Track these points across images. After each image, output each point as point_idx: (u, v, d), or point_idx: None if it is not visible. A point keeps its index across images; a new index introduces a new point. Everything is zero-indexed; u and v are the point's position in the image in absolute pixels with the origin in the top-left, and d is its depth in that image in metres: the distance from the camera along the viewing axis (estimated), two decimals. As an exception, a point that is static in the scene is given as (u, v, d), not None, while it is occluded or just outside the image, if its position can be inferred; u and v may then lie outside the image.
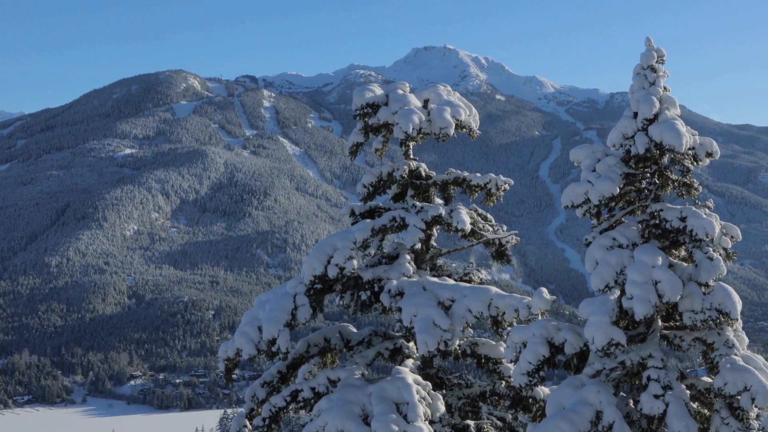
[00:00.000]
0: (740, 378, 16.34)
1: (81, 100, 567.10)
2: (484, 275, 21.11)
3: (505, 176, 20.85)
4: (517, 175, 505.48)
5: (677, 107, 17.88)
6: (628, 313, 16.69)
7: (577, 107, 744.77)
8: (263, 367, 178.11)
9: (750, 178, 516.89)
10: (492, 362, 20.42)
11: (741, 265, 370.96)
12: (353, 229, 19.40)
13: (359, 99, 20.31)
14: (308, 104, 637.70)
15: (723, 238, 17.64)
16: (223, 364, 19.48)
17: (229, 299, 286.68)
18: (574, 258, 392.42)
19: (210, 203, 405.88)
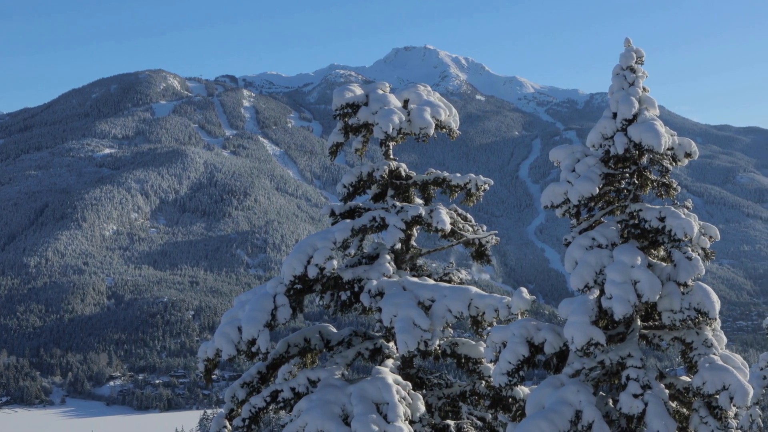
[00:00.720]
0: (719, 377, 16.41)
1: (60, 100, 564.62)
2: (464, 275, 21.13)
3: (485, 176, 20.88)
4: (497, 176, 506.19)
5: (656, 108, 17.95)
6: (607, 312, 16.74)
7: (556, 107, 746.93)
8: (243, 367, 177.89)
9: (728, 179, 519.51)
10: (472, 362, 20.44)
11: (719, 265, 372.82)
12: (333, 229, 19.38)
13: (339, 99, 20.30)
14: (288, 104, 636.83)
15: (701, 238, 17.72)
16: (203, 364, 19.42)
17: (208, 299, 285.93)
18: (554, 258, 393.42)
19: (190, 203, 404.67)
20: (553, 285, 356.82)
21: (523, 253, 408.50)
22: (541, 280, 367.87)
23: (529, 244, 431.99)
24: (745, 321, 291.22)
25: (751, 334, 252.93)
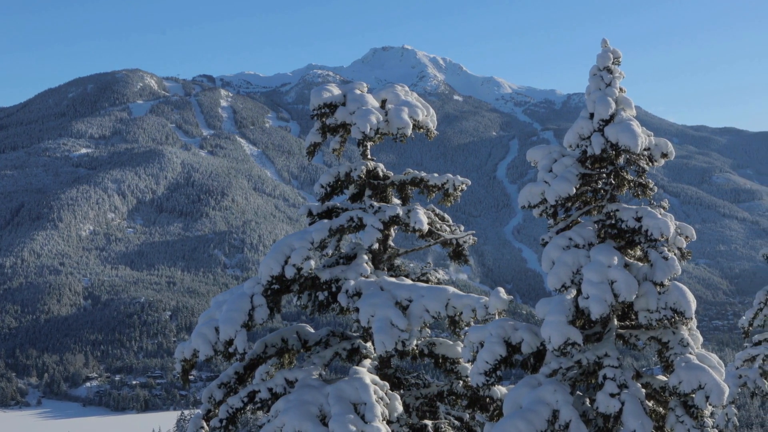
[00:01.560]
0: (695, 376, 16.49)
1: (35, 100, 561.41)
2: (441, 275, 21.15)
3: (462, 176, 20.89)
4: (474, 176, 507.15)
5: (633, 108, 18.02)
6: (584, 312, 16.79)
7: (534, 108, 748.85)
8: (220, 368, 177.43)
9: (704, 179, 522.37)
10: (449, 362, 20.45)
11: (696, 265, 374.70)
12: (311, 229, 19.36)
13: (317, 99, 20.29)
14: (266, 104, 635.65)
15: (678, 237, 17.79)
16: (180, 365, 19.36)
17: (186, 300, 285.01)
18: (531, 258, 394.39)
19: (167, 203, 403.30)
20: (531, 285, 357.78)
21: (500, 253, 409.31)
22: (518, 280, 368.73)
23: (506, 244, 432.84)
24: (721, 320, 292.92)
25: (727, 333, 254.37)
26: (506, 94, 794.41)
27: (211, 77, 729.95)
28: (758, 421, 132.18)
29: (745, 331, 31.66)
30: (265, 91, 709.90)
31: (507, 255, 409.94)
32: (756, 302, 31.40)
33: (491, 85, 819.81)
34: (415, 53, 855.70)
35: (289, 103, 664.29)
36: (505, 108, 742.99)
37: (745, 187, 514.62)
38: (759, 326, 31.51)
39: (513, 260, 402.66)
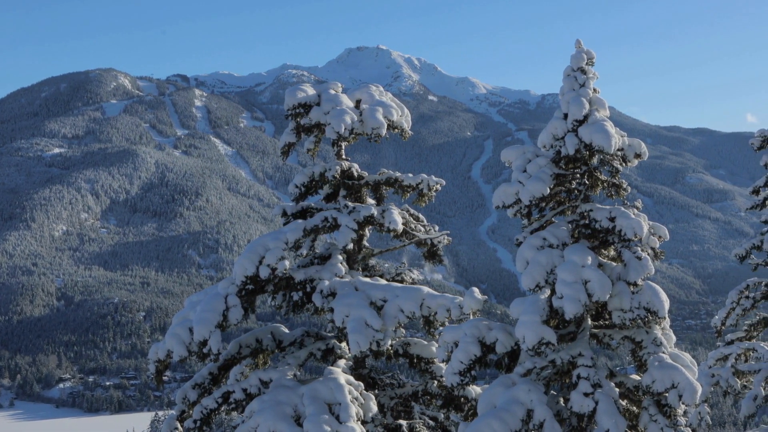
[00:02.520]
0: (668, 375, 16.57)
1: (8, 99, 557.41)
2: (416, 275, 21.17)
3: (437, 176, 20.92)
4: (449, 176, 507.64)
5: (606, 109, 18.10)
6: (558, 312, 16.84)
7: (508, 108, 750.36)
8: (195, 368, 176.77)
9: (678, 179, 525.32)
10: (424, 362, 20.47)
11: (669, 265, 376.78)
12: (285, 229, 19.33)
13: (291, 99, 20.26)
14: (240, 104, 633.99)
15: (651, 237, 17.88)
16: (154, 365, 19.30)
17: (160, 300, 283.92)
18: (506, 258, 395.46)
19: (141, 203, 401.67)
20: (505, 285, 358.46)
21: (475, 253, 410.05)
22: (493, 280, 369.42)
23: (481, 244, 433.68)
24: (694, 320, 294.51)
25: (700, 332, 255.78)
26: (481, 95, 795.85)
27: (186, 77, 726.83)
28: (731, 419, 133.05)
29: (717, 330, 31.83)
30: (239, 91, 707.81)
31: (482, 255, 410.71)
32: (728, 302, 31.59)
33: (466, 86, 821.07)
34: (389, 53, 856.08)
35: (263, 103, 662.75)
36: (480, 108, 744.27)
37: (717, 187, 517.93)
38: (731, 325, 31.69)
39: (487, 260, 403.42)
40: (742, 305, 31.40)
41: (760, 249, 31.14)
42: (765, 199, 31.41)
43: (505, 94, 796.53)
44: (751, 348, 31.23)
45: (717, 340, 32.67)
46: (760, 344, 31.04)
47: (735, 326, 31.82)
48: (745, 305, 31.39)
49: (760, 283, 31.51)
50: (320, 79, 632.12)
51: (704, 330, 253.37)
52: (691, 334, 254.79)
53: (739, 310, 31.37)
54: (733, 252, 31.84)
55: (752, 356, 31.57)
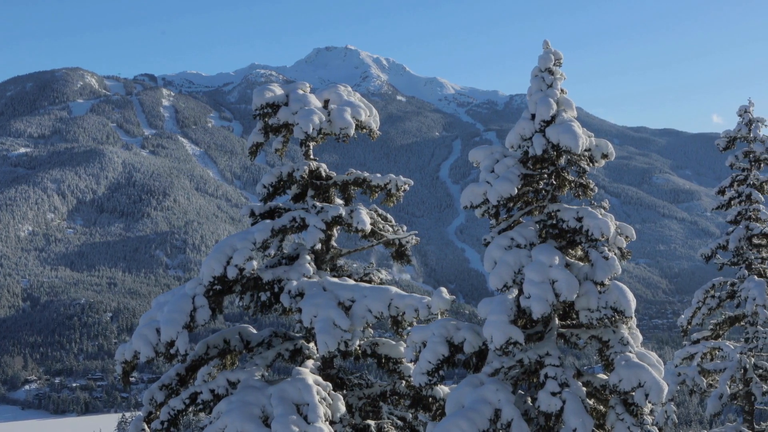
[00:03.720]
0: (634, 374, 16.66)
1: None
2: (384, 275, 21.18)
3: (405, 177, 20.96)
4: (417, 176, 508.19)
5: (574, 109, 18.17)
6: (526, 312, 16.89)
7: (477, 108, 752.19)
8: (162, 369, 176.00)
9: (645, 179, 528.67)
10: (392, 362, 20.48)
11: (636, 264, 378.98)
12: (253, 229, 19.29)
13: (259, 99, 20.23)
14: (208, 104, 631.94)
15: (618, 237, 17.97)
16: (121, 367, 19.19)
17: (127, 301, 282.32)
18: (474, 258, 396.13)
19: (108, 203, 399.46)
20: (474, 285, 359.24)
21: (443, 253, 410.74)
22: (461, 280, 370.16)
23: (449, 244, 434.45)
24: (661, 319, 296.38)
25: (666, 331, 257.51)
26: (449, 95, 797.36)
27: (153, 76, 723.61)
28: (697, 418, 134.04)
29: (684, 329, 32.07)
30: (207, 91, 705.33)
31: (450, 255, 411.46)
32: (694, 301, 31.83)
33: (434, 86, 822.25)
34: (358, 53, 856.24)
35: (231, 103, 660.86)
36: (448, 108, 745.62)
37: (684, 187, 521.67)
38: (697, 325, 31.93)
39: (456, 260, 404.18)
40: (707, 304, 31.65)
41: (726, 249, 31.41)
42: (730, 199, 31.69)
43: (473, 95, 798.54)
44: (716, 347, 31.48)
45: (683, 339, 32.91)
46: (725, 343, 31.29)
47: (701, 325, 32.07)
48: (710, 304, 31.65)
49: (726, 282, 31.77)
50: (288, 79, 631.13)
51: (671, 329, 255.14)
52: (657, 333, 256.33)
53: (705, 309, 31.62)
54: (699, 252, 32.09)
55: (718, 355, 31.83)
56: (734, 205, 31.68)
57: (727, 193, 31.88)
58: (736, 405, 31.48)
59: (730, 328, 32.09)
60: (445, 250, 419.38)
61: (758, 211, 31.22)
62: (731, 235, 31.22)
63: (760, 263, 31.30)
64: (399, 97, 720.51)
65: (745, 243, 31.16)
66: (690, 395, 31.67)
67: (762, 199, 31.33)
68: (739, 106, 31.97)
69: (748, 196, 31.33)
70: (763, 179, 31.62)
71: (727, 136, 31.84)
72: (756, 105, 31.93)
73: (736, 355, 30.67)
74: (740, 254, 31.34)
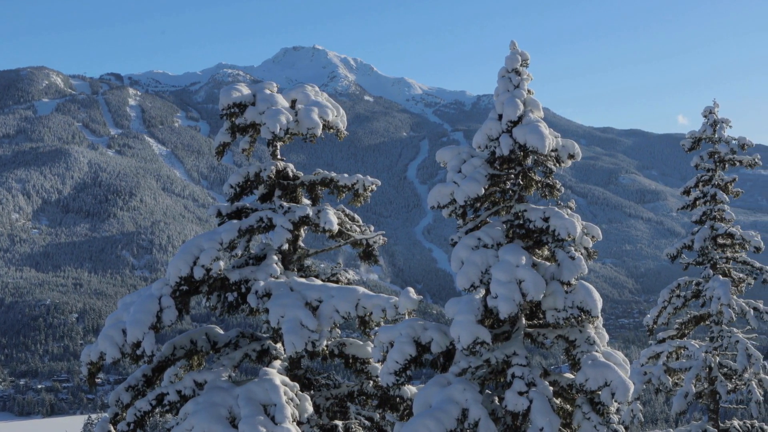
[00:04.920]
0: (601, 374, 16.74)
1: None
2: (351, 275, 21.17)
3: (373, 177, 20.96)
4: (385, 176, 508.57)
5: (541, 110, 18.23)
6: (493, 311, 16.93)
7: (444, 109, 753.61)
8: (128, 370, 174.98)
9: (611, 180, 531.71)
10: (360, 362, 20.47)
11: (602, 264, 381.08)
12: (220, 229, 19.23)
13: (226, 98, 20.16)
14: (175, 103, 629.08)
15: (584, 237, 18.06)
16: (86, 368, 19.06)
17: (93, 302, 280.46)
18: (442, 258, 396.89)
19: (73, 203, 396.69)
20: (441, 285, 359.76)
21: (411, 254, 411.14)
22: (428, 280, 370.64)
23: (416, 245, 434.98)
24: (627, 318, 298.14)
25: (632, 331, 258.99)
26: (417, 95, 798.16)
27: (119, 75, 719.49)
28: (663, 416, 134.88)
29: (649, 328, 32.26)
30: (174, 90, 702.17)
31: (417, 255, 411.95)
32: (660, 300, 32.02)
33: (402, 86, 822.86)
34: (326, 53, 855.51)
35: (198, 103, 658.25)
36: (416, 109, 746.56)
37: (650, 187, 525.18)
38: (663, 324, 32.13)
39: (423, 260, 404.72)
40: (673, 304, 31.85)
41: (691, 248, 31.63)
42: (696, 199, 31.91)
43: (440, 95, 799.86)
44: (682, 346, 31.69)
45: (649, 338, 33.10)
46: (690, 342, 31.51)
47: (666, 325, 32.27)
48: (676, 304, 31.85)
49: (691, 282, 31.99)
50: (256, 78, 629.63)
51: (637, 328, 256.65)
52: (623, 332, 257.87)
53: (671, 308, 31.82)
54: (665, 251, 32.29)
55: (683, 354, 32.05)
56: (699, 205, 31.90)
57: (693, 194, 32.10)
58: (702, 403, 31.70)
59: (696, 327, 32.31)
60: (413, 250, 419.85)
61: (723, 211, 31.45)
62: (696, 235, 31.44)
63: (724, 263, 31.55)
64: (366, 97, 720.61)
65: (710, 243, 31.39)
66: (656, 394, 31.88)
67: (727, 199, 31.57)
68: (704, 107, 32.20)
69: (713, 196, 31.56)
70: (727, 179, 31.87)
71: (693, 137, 32.06)
72: (721, 106, 32.16)
73: (701, 354, 30.90)
74: (705, 254, 31.57)
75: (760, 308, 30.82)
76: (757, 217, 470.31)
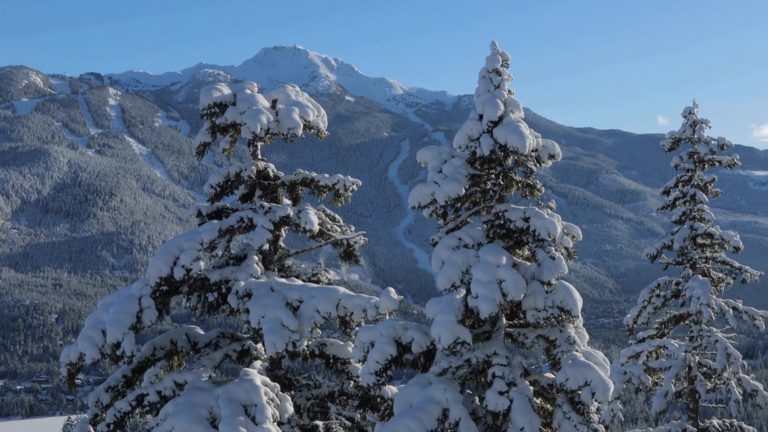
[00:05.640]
0: (581, 373, 16.78)
1: None
2: (332, 276, 21.16)
3: (354, 177, 20.95)
4: (365, 176, 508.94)
5: (521, 110, 18.26)
6: (473, 311, 16.94)
7: (425, 109, 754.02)
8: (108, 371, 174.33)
9: (591, 180, 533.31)
10: (340, 362, 20.46)
11: (583, 264, 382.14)
12: (200, 230, 19.17)
13: (206, 98, 20.11)
14: (155, 103, 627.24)
15: (565, 237, 18.10)
16: (66, 369, 18.98)
17: (72, 302, 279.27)
18: (423, 258, 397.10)
19: (53, 204, 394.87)
20: (422, 285, 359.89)
21: (391, 254, 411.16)
22: (409, 280, 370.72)
23: (397, 245, 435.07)
24: (607, 318, 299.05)
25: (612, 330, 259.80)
26: (398, 95, 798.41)
27: (99, 75, 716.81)
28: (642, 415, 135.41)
29: (629, 328, 32.34)
30: (154, 90, 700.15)
31: (398, 255, 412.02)
32: (640, 300, 32.11)
33: (383, 86, 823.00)
34: (306, 53, 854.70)
35: (179, 102, 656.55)
36: (397, 109, 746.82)
37: (630, 188, 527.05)
38: (643, 323, 32.22)
39: (404, 260, 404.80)
40: (653, 303, 31.95)
41: (671, 248, 31.73)
42: (675, 199, 32.03)
43: (421, 95, 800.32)
44: (662, 345, 31.79)
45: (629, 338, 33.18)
46: (670, 342, 31.61)
47: (646, 324, 32.36)
48: (656, 303, 31.95)
49: (671, 281, 32.10)
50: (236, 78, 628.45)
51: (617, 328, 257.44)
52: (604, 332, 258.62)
53: (651, 308, 31.92)
54: (645, 251, 32.39)
55: (663, 353, 32.15)
56: (679, 206, 32.01)
57: (672, 194, 32.21)
58: (681, 403, 31.82)
59: (675, 326, 32.41)
60: (394, 250, 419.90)
61: (702, 212, 31.57)
62: (676, 234, 31.55)
63: (704, 263, 31.66)
64: (347, 98, 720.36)
65: (690, 243, 31.51)
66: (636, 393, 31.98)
67: (706, 199, 31.69)
68: (684, 107, 32.32)
69: (692, 196, 31.68)
70: (707, 180, 31.99)
71: (672, 137, 32.17)
72: (700, 106, 32.28)
73: (681, 354, 31.01)
74: (685, 254, 31.68)
75: (740, 308, 30.95)
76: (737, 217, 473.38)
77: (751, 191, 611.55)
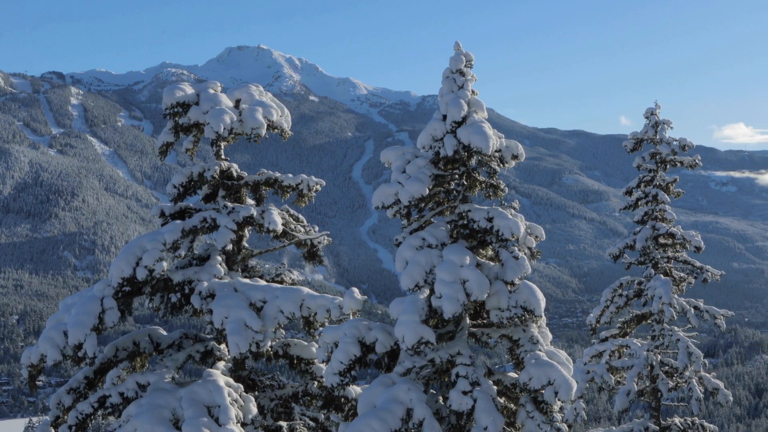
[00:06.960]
0: (544, 373, 16.85)
1: None
2: (296, 276, 21.13)
3: (317, 177, 20.94)
4: (330, 176, 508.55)
5: (485, 110, 18.30)
6: (437, 311, 16.96)
7: (389, 109, 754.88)
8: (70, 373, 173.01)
9: (555, 180, 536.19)
10: (304, 363, 20.44)
11: (546, 264, 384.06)
12: (163, 230, 19.08)
13: (169, 98, 20.01)
14: (118, 102, 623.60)
15: (528, 237, 18.15)
16: (27, 370, 18.82)
17: (34, 303, 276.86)
18: (387, 258, 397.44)
19: (14, 204, 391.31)
20: (386, 285, 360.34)
21: (356, 254, 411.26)
22: (373, 280, 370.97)
23: (361, 245, 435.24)
24: (571, 318, 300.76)
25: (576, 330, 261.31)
26: (362, 95, 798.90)
27: (61, 74, 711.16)
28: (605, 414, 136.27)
29: (592, 327, 32.54)
30: (117, 89, 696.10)
31: (362, 255, 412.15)
32: (603, 300, 32.32)
33: (347, 86, 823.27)
34: (270, 53, 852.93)
35: (142, 102, 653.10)
36: (361, 109, 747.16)
37: (593, 188, 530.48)
38: (606, 323, 32.43)
39: (368, 260, 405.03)
40: (615, 303, 32.17)
41: (633, 248, 31.97)
42: (638, 199, 32.27)
43: (385, 95, 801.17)
44: (624, 345, 32.02)
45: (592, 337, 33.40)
46: (633, 341, 31.84)
47: (609, 323, 32.57)
48: (618, 303, 32.17)
49: (633, 281, 32.34)
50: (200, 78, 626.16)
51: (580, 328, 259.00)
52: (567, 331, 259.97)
53: (613, 307, 32.13)
54: (608, 251, 32.61)
55: (626, 353, 32.39)
56: (641, 206, 32.26)
57: (635, 194, 32.45)
58: (644, 401, 32.07)
59: (638, 326, 32.66)
60: (358, 250, 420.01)
61: (664, 212, 31.83)
62: (638, 234, 31.78)
63: (666, 262, 31.92)
64: (312, 98, 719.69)
65: (652, 242, 31.75)
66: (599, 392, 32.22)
67: (668, 199, 31.95)
68: (646, 108, 32.56)
69: (654, 196, 31.93)
70: (668, 180, 32.26)
71: (635, 138, 32.41)
72: (662, 107, 32.54)
73: (643, 353, 31.25)
74: (647, 254, 31.93)
75: (701, 307, 31.24)
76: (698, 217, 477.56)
77: (712, 191, 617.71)
